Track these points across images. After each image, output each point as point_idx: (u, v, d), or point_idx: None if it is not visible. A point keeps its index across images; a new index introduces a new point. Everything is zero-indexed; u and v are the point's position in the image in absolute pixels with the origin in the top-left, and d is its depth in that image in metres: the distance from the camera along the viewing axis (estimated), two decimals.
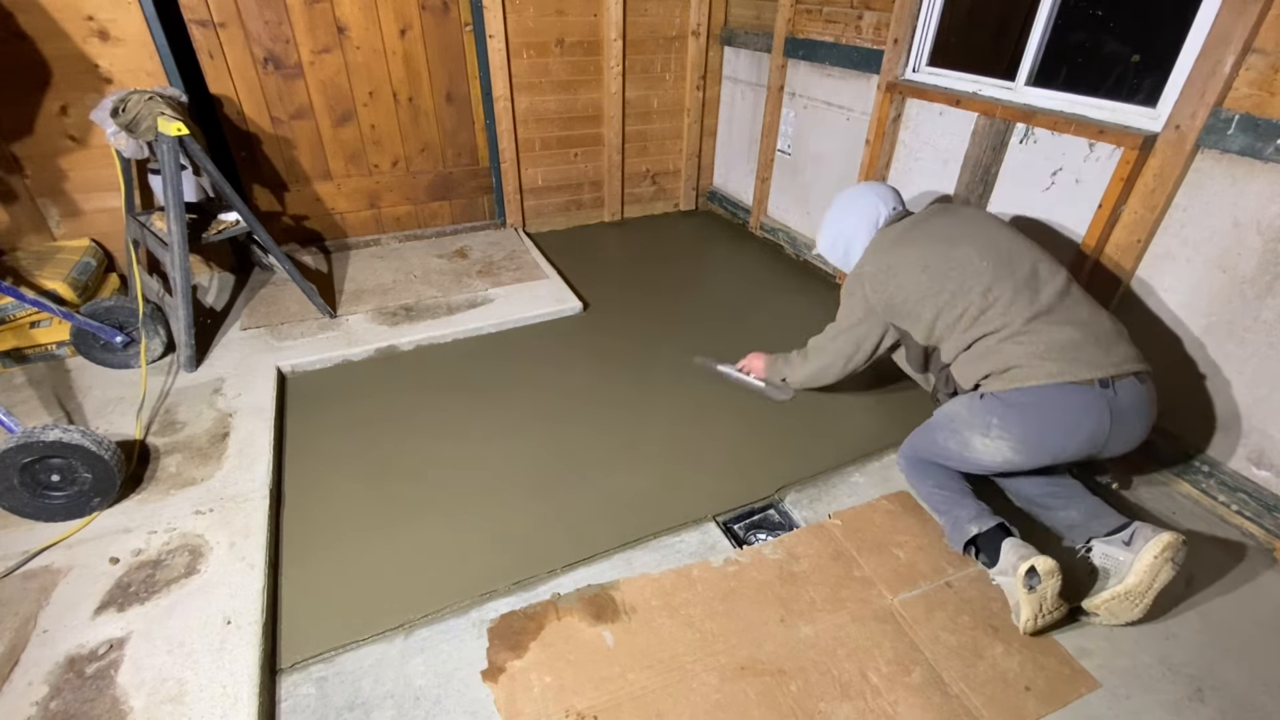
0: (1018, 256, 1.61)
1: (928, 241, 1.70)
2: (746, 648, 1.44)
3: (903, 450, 1.82)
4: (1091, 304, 1.59)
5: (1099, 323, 1.54)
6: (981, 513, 1.58)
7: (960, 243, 1.65)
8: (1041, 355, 1.50)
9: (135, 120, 2.17)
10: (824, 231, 1.98)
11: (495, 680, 1.36)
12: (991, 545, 1.52)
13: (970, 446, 1.61)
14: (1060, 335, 1.50)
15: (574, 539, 1.71)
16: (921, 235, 1.73)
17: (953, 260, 1.63)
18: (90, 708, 1.27)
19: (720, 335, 2.66)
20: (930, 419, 1.76)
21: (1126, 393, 1.49)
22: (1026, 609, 1.41)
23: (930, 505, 1.72)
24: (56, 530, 1.66)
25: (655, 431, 2.12)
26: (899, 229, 1.79)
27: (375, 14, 2.89)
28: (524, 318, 2.75)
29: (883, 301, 1.76)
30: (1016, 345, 1.53)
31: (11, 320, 2.22)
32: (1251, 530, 1.75)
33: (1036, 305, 1.54)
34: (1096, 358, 1.48)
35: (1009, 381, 1.53)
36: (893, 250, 1.75)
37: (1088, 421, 1.48)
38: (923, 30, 2.47)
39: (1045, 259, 1.63)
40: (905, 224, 1.80)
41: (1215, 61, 1.61)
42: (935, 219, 1.77)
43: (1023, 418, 1.52)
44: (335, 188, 3.20)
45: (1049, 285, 1.57)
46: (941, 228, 1.72)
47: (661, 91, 3.60)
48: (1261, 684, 1.39)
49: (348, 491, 1.86)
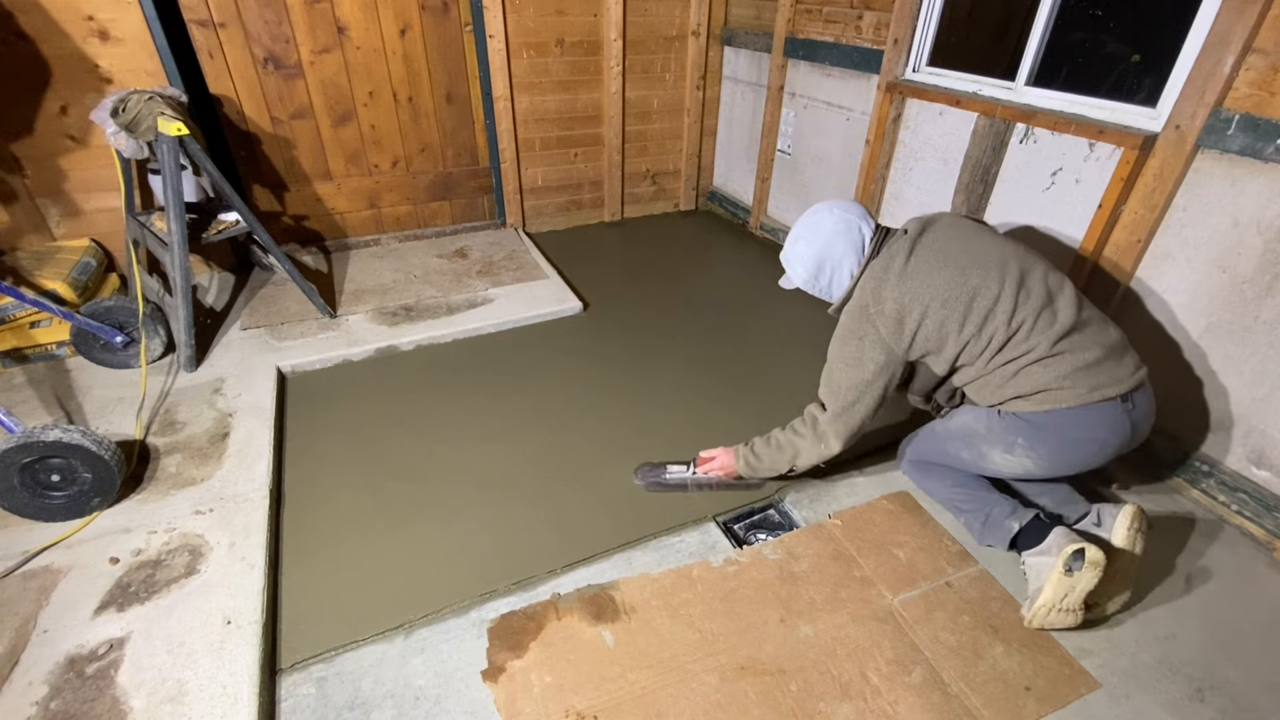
0: (1027, 273, 1.52)
1: (936, 270, 1.51)
2: (746, 648, 1.44)
3: (906, 456, 1.81)
4: (1099, 314, 1.56)
5: (1110, 334, 1.52)
6: (1017, 507, 1.59)
7: (970, 269, 1.50)
8: (1070, 377, 1.46)
9: (135, 120, 2.17)
10: (800, 260, 1.65)
11: (495, 680, 1.36)
12: (1035, 534, 1.52)
13: (987, 459, 1.60)
14: (1086, 356, 1.46)
15: (574, 539, 1.71)
16: (926, 264, 1.52)
17: (969, 289, 1.48)
18: (90, 708, 1.27)
19: (720, 334, 2.66)
20: (935, 427, 1.74)
21: (1142, 403, 1.50)
22: (1049, 592, 1.39)
23: (951, 506, 1.71)
24: (56, 530, 1.66)
25: (655, 431, 2.12)
26: (893, 253, 1.55)
27: (375, 14, 2.89)
28: (524, 318, 2.75)
29: (905, 342, 1.53)
30: (1045, 370, 1.47)
31: (11, 320, 2.22)
32: (1251, 530, 1.75)
33: (1057, 326, 1.47)
34: (1117, 374, 1.47)
35: (1038, 404, 1.49)
36: (900, 283, 1.51)
37: (1113, 437, 1.48)
38: (923, 30, 2.47)
39: (1045, 267, 1.55)
40: (898, 249, 1.56)
41: (1215, 61, 1.61)
42: (930, 241, 1.56)
43: (1051, 437, 1.50)
44: (335, 188, 3.20)
45: (1062, 301, 1.50)
46: (942, 252, 1.53)
47: (661, 91, 3.60)
48: (1262, 684, 1.39)
49: (348, 491, 1.86)
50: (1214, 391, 1.81)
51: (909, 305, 1.50)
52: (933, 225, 1.60)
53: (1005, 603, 1.54)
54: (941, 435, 1.71)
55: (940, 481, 1.71)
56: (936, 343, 1.53)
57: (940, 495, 1.73)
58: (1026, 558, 1.51)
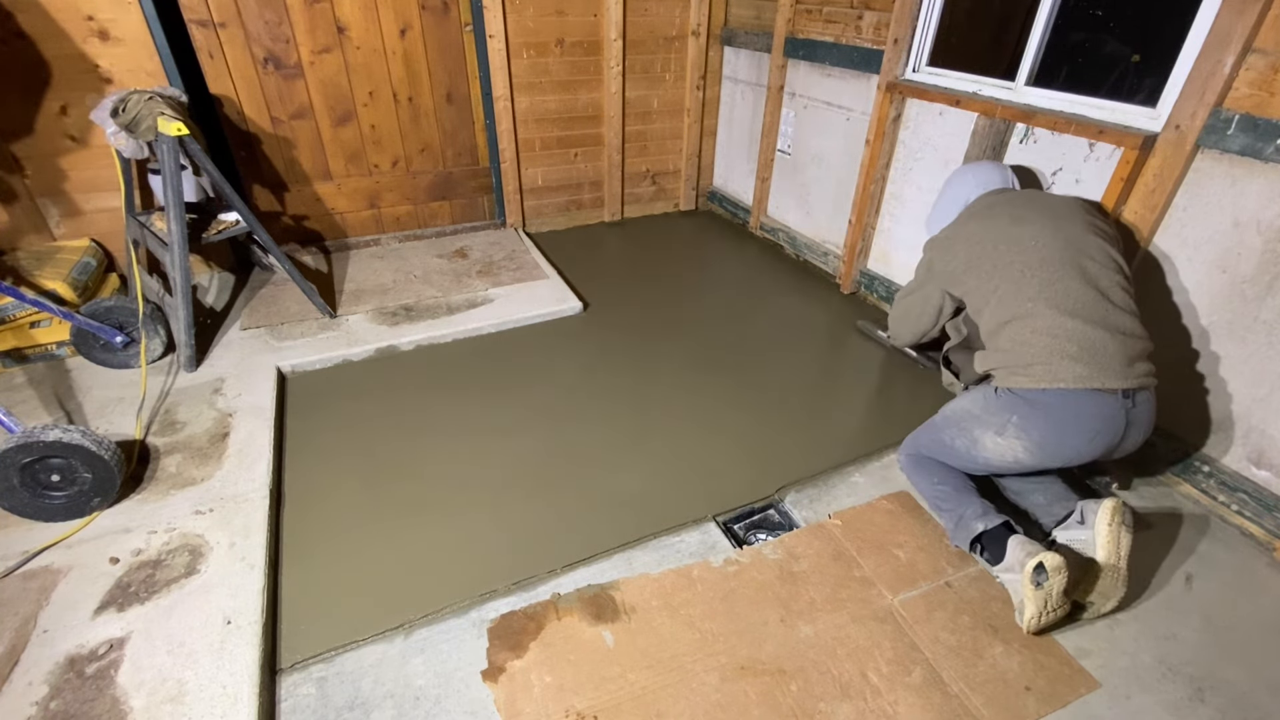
0: (1077, 244, 1.60)
1: (995, 218, 1.74)
2: (746, 648, 1.44)
3: (904, 447, 1.83)
4: (1132, 312, 1.56)
5: (1133, 331, 1.52)
6: (987, 510, 1.58)
7: (1025, 222, 1.67)
8: (1072, 356, 1.47)
9: (135, 120, 2.17)
10: (931, 212, 2.06)
11: (495, 680, 1.36)
12: (996, 543, 1.52)
13: (980, 444, 1.61)
14: (1094, 336, 1.48)
15: (574, 539, 1.71)
16: (994, 212, 1.77)
17: (1008, 236, 1.66)
18: (90, 708, 1.27)
19: (720, 335, 2.66)
20: (936, 417, 1.76)
21: (1143, 404, 1.50)
22: (1031, 606, 1.41)
23: (932, 502, 1.72)
24: (56, 530, 1.66)
25: (655, 431, 2.12)
26: (981, 204, 1.86)
27: (375, 14, 2.89)
28: (524, 318, 2.75)
29: (941, 266, 1.84)
30: (1048, 339, 1.51)
31: (11, 320, 2.22)
32: (1251, 530, 1.75)
33: (1074, 298, 1.52)
34: (1122, 368, 1.47)
35: (1037, 380, 1.51)
36: (964, 223, 1.82)
37: (1107, 430, 1.48)
38: (923, 30, 2.47)
39: (1106, 253, 1.61)
40: (988, 200, 1.86)
41: (1215, 61, 1.61)
42: (1018, 198, 1.80)
43: (1045, 419, 1.51)
44: (335, 188, 3.20)
45: (1100, 280, 1.55)
46: (1017, 207, 1.74)
47: (661, 91, 3.60)
48: (1262, 684, 1.39)
49: (348, 491, 1.86)
50: (1214, 391, 1.81)
51: (954, 236, 1.82)
52: (1031, 194, 1.83)
53: (1005, 603, 1.54)
54: (938, 423, 1.73)
55: (928, 477, 1.72)
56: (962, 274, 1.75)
57: (925, 491, 1.74)
58: (999, 574, 1.52)
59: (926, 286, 1.92)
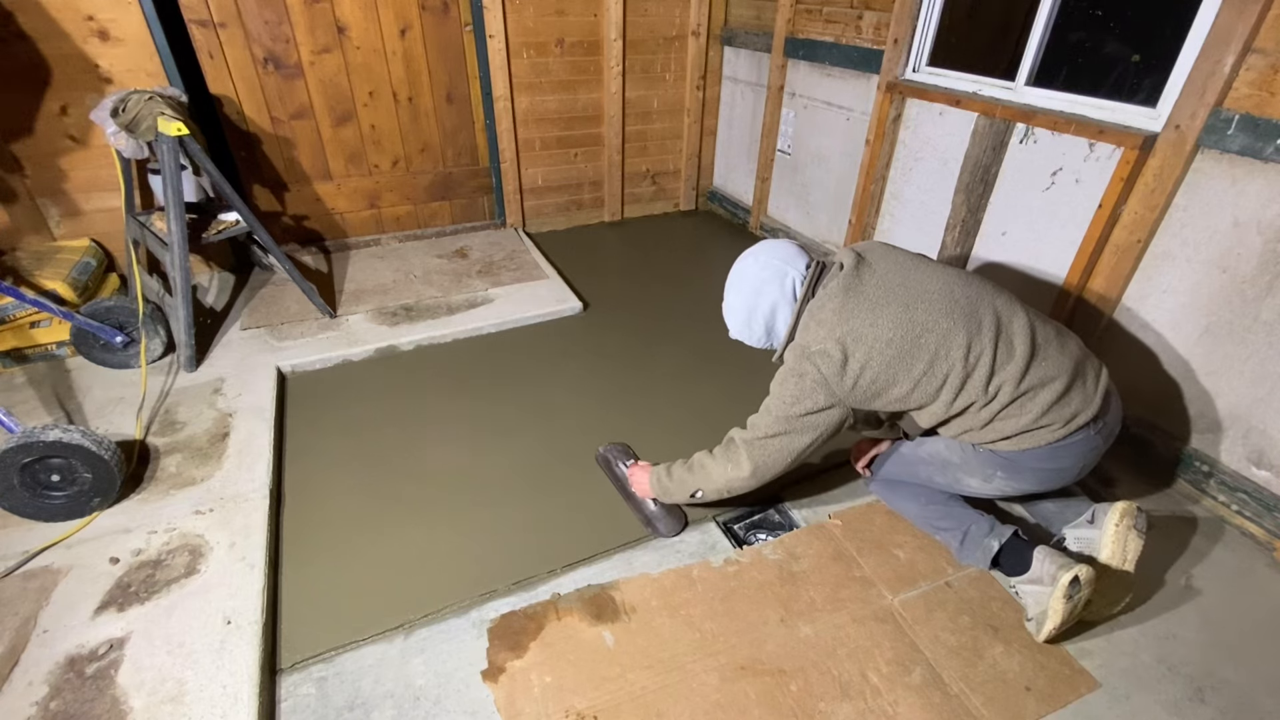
0: (977, 304, 1.41)
1: (879, 307, 1.40)
2: (746, 648, 1.44)
3: (877, 478, 1.77)
4: (1053, 327, 1.47)
5: (1070, 349, 1.44)
6: (994, 524, 1.56)
7: (915, 304, 1.40)
8: (1040, 421, 1.40)
9: (135, 120, 2.17)
10: (732, 312, 1.58)
11: (495, 680, 1.36)
12: (1015, 554, 1.50)
13: (962, 484, 1.58)
14: (1049, 394, 1.38)
15: (574, 539, 1.71)
16: (867, 300, 1.41)
17: (916, 325, 1.38)
18: (90, 708, 1.27)
19: (720, 334, 2.65)
20: (904, 451, 1.68)
21: (1112, 412, 1.48)
22: (1056, 618, 1.36)
23: (925, 523, 1.67)
24: (56, 530, 1.65)
25: (655, 431, 2.12)
26: (832, 292, 1.44)
27: (375, 14, 2.89)
28: (524, 318, 2.75)
29: (848, 382, 1.41)
30: (1012, 420, 1.40)
31: (11, 320, 2.22)
32: (1251, 530, 1.75)
33: (1017, 357, 1.38)
34: (1085, 398, 1.41)
35: (1015, 444, 1.44)
36: (841, 322, 1.40)
37: (1089, 455, 1.47)
38: (923, 30, 2.47)
39: (994, 294, 1.45)
40: (837, 286, 1.44)
41: (1215, 61, 1.61)
42: (868, 275, 1.45)
43: (1032, 472, 1.48)
44: (335, 188, 3.20)
45: (1016, 327, 1.41)
46: (882, 286, 1.43)
47: (661, 91, 3.60)
48: (1262, 684, 1.39)
49: (348, 491, 1.86)
50: (1214, 391, 1.81)
51: (852, 346, 1.39)
52: (866, 258, 1.49)
53: (1005, 603, 1.54)
54: (912, 460, 1.66)
55: (912, 500, 1.68)
56: (885, 382, 1.40)
57: (914, 513, 1.69)
58: (1019, 585, 1.49)
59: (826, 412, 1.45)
